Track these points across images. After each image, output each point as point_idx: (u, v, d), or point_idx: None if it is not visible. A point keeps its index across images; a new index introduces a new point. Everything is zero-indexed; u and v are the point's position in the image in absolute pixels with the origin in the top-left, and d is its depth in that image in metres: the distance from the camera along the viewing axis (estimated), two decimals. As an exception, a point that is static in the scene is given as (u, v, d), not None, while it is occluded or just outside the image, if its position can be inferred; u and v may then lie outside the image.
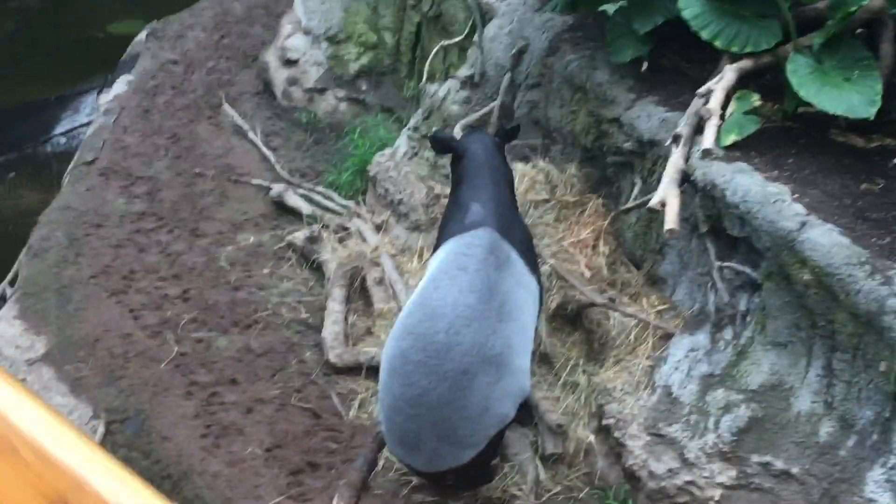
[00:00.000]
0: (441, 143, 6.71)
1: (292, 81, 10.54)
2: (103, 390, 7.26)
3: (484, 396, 5.61)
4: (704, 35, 6.33)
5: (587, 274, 6.93)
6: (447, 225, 6.26)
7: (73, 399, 7.21)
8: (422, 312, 5.70)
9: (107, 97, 10.86)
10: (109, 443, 6.96)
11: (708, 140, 5.84)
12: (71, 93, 11.98)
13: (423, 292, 5.81)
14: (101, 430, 6.99)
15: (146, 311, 7.94)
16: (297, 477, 6.53)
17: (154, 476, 6.75)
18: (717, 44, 6.32)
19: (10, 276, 8.73)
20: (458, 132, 7.81)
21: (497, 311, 5.71)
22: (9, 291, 8.48)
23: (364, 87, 10.19)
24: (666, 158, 6.34)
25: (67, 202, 9.19)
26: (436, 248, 6.26)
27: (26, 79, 12.53)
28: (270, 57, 10.85)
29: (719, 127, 6.07)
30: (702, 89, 6.26)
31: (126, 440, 6.95)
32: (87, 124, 10.86)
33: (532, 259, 6.24)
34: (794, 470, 5.47)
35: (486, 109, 7.99)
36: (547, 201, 7.36)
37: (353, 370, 7.31)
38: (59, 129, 11.22)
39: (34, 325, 7.81)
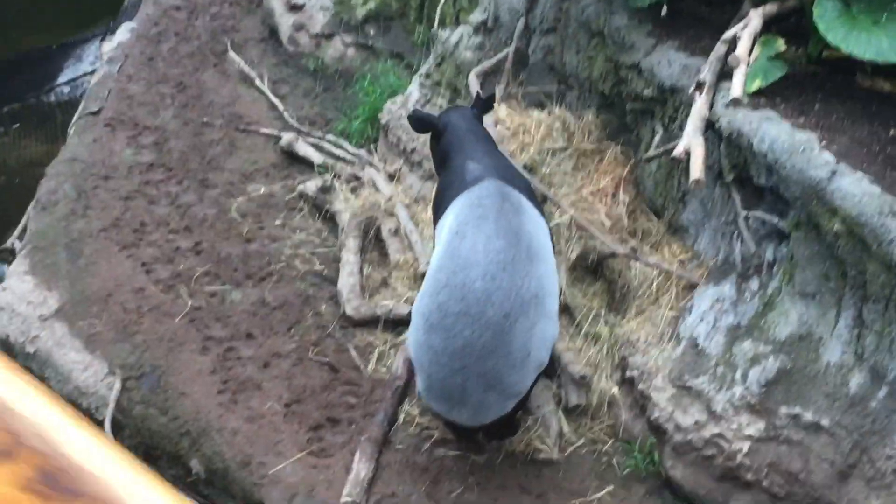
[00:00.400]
0: (421, 122, 6.66)
1: (298, 27, 10.38)
2: (118, 346, 7.18)
3: (525, 341, 5.60)
4: (729, -21, 6.19)
5: (607, 223, 6.84)
6: (446, 191, 6.16)
7: (87, 355, 7.13)
8: (454, 264, 5.63)
9: (110, 45, 10.70)
10: (126, 399, 6.89)
11: (736, 89, 5.72)
12: (73, 41, 11.80)
13: (449, 245, 5.73)
14: (117, 386, 6.92)
15: (158, 264, 7.84)
16: (317, 432, 6.47)
17: (172, 433, 6.70)
18: (742, -13, 6.19)
19: (18, 229, 8.63)
20: (472, 80, 7.69)
21: (526, 254, 5.68)
22: (18, 245, 8.38)
23: (372, 33, 10.03)
24: (688, 105, 6.23)
25: (74, 154, 9.07)
26: (437, 218, 6.21)
27: (26, 27, 12.34)
28: (275, 2, 10.68)
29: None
30: (726, 35, 6.13)
31: (143, 397, 6.88)
32: (91, 73, 10.72)
33: (538, 204, 6.19)
34: (824, 422, 5.41)
35: (500, 55, 7.85)
36: (564, 149, 7.25)
37: (370, 323, 7.23)
38: (62, 79, 11.06)
39: (45, 280, 7.72)
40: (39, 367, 7.22)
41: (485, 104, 6.73)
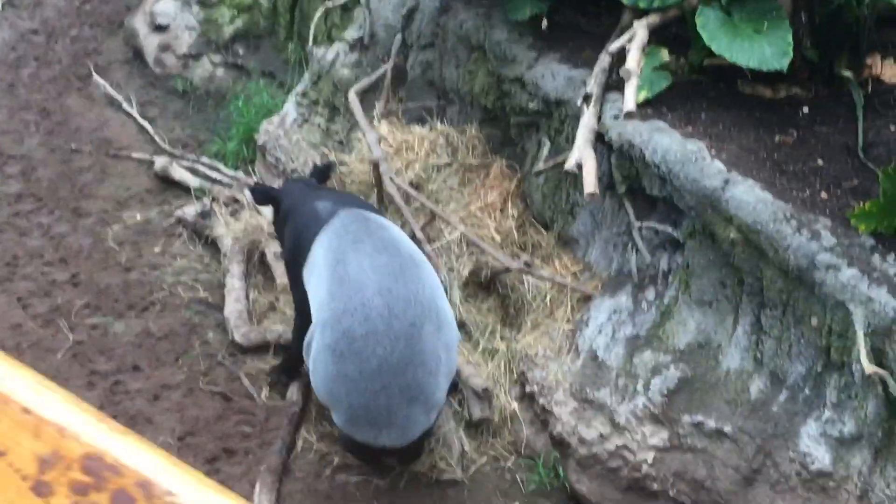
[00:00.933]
0: (263, 194, 6.81)
1: (164, 48, 10.18)
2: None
3: (434, 345, 5.65)
4: (612, -9, 6.22)
5: (497, 238, 6.82)
6: (302, 234, 6.19)
7: (-34, 397, 6.86)
8: (347, 289, 5.64)
9: (-34, 72, 10.38)
10: (11, 442, 6.65)
11: (629, 101, 5.73)
12: (-74, 68, 11.40)
13: (335, 275, 5.74)
14: (0, 428, 6.67)
15: (35, 298, 7.60)
16: (213, 465, 6.32)
17: (62, 474, 6.48)
18: (625, 0, 6.22)
19: None
20: (353, 98, 7.61)
21: (411, 261, 5.81)
22: None
23: (241, 52, 9.88)
24: (575, 118, 6.24)
25: (-63, 187, 8.76)
26: (296, 266, 6.20)
27: None
28: (138, 22, 10.46)
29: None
30: (612, 47, 6.15)
31: (29, 438, 6.64)
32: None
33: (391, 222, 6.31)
34: (727, 428, 5.45)
35: (378, 72, 7.79)
36: (449, 164, 7.21)
37: (260, 349, 7.10)
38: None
39: (-84, 320, 7.42)
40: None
41: (322, 173, 6.91)
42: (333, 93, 8.05)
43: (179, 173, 8.69)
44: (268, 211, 7.93)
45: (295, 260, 6.26)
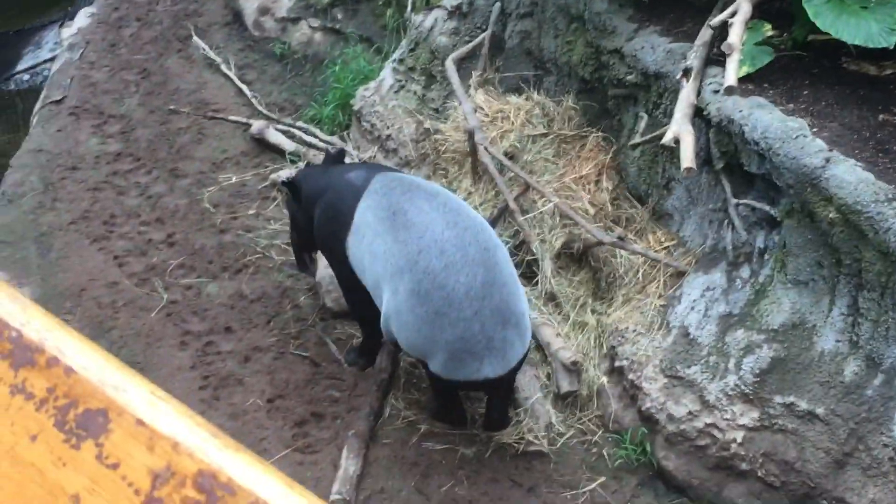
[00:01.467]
0: (293, 186, 6.69)
1: (263, 11, 10.22)
2: (94, 342, 7.03)
3: (511, 269, 5.83)
4: (716, -36, 6.12)
5: (591, 211, 6.77)
6: (340, 205, 6.25)
7: (62, 352, 6.98)
8: (414, 232, 5.78)
9: (69, 31, 10.52)
10: (105, 398, 6.75)
11: (730, 76, 5.64)
12: (31, 27, 11.58)
13: (395, 226, 5.86)
14: (95, 384, 6.78)
15: (131, 257, 7.71)
16: (302, 428, 6.38)
17: (153, 431, 6.57)
18: (729, -28, 6.12)
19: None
20: (449, 66, 7.57)
21: (461, 202, 6.05)
22: (-15, 240, 8.22)
23: (339, 17, 9.89)
24: (673, 92, 6.17)
25: (39, 144, 8.90)
26: (339, 237, 6.23)
27: (-20, 12, 12.11)
28: (239, -15, 10.52)
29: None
30: (714, 20, 6.06)
31: (122, 394, 6.74)
32: (51, 60, 10.52)
33: None
34: (819, 410, 5.37)
35: (476, 41, 7.75)
36: (545, 135, 7.17)
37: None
38: (21, 66, 10.85)
39: (16, 275, 7.55)
40: (13, 366, 7.05)
41: (335, 160, 6.84)
42: (430, 60, 8.03)
43: (275, 137, 8.73)
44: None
45: (335, 235, 6.28)
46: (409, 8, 8.46)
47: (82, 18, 10.58)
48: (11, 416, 1.32)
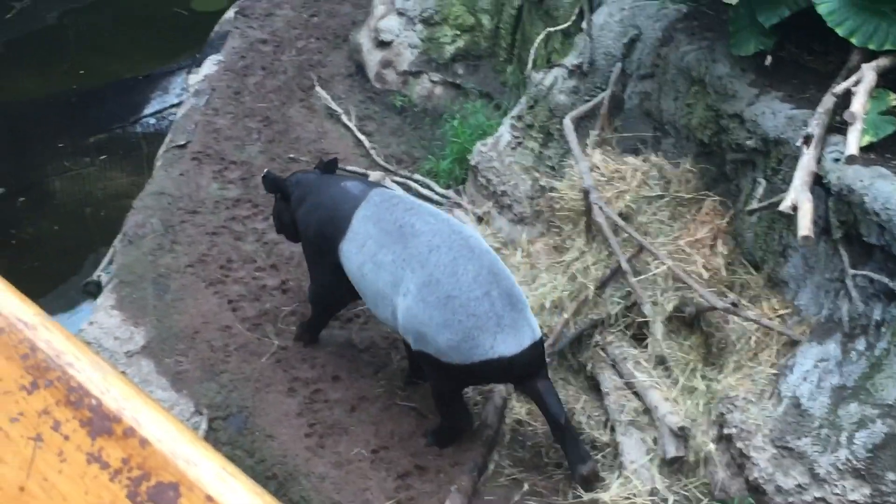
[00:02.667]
0: (273, 182, 7.46)
1: (386, 64, 10.34)
2: (204, 385, 7.14)
3: (508, 270, 6.35)
4: (841, 31, 6.06)
5: (705, 275, 6.69)
6: (335, 213, 6.78)
7: (174, 394, 7.10)
8: (423, 239, 6.28)
9: (196, 77, 10.73)
10: (212, 440, 6.82)
11: (852, 145, 5.57)
12: (159, 72, 11.86)
13: (401, 235, 6.36)
14: (203, 426, 6.87)
15: (245, 302, 7.81)
16: (405, 480, 6.39)
17: (258, 475, 6.62)
18: (854, 40, 6.04)
19: (104, 262, 8.63)
20: (567, 124, 7.57)
21: (457, 221, 6.68)
22: (104, 278, 8.38)
23: (460, 72, 9.97)
24: (793, 158, 6.09)
25: (161, 187, 9.08)
26: (330, 243, 6.77)
27: (113, 56, 12.41)
28: (363, 38, 10.65)
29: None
30: (837, 89, 5.98)
31: (229, 437, 6.83)
32: (177, 105, 10.74)
33: None
34: (934, 490, 5.23)
35: (595, 100, 7.74)
36: (661, 197, 7.12)
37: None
38: (148, 110, 11.10)
39: (132, 315, 7.70)
40: (126, 404, 7.17)
41: (328, 167, 7.47)
42: (549, 118, 8.04)
43: (392, 188, 8.79)
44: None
45: (327, 238, 6.81)
46: (529, 65, 8.48)
47: (209, 66, 10.79)
48: (87, 484, 1.33)
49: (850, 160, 5.63)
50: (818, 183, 5.88)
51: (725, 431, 6.10)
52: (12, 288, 1.39)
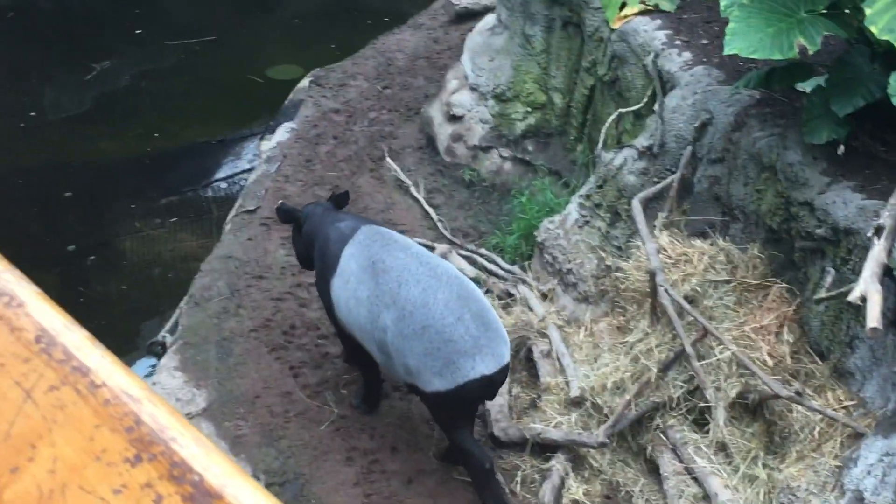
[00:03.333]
0: (287, 213, 7.89)
1: (456, 137, 10.42)
2: (263, 450, 7.17)
3: (480, 293, 6.82)
4: (915, 124, 6.04)
5: (769, 362, 6.65)
6: (329, 249, 7.23)
7: (232, 457, 7.12)
8: (393, 274, 6.70)
9: (269, 144, 10.88)
10: (268, 506, 6.83)
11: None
12: (232, 137, 12.02)
13: (375, 271, 6.80)
14: (260, 491, 6.88)
15: (306, 368, 7.86)
16: (460, 555, 6.36)
17: (313, 544, 6.64)
18: (929, 133, 6.03)
19: (170, 323, 8.72)
20: (636, 205, 7.58)
21: (428, 254, 7.02)
22: (169, 339, 8.46)
23: (530, 148, 10.03)
24: (864, 248, 6.06)
25: (229, 251, 9.18)
26: (326, 275, 7.22)
27: (187, 121, 12.61)
28: (434, 111, 10.75)
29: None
30: (910, 181, 5.96)
31: (285, 504, 6.84)
32: (249, 170, 10.88)
33: None
34: None
35: (665, 182, 7.75)
36: (727, 282, 7.10)
37: (516, 445, 7.12)
38: (220, 174, 11.24)
39: (195, 377, 7.78)
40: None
41: (339, 200, 7.88)
42: (617, 198, 8.05)
43: (457, 261, 8.84)
44: (537, 307, 7.99)
45: (323, 275, 7.29)
46: (599, 145, 8.52)
47: (282, 133, 10.93)
48: None
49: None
50: (888, 274, 5.85)
51: (786, 522, 6.04)
52: (119, 362, 1.42)
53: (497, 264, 8.80)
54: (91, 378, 1.43)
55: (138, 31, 14.56)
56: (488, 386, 6.53)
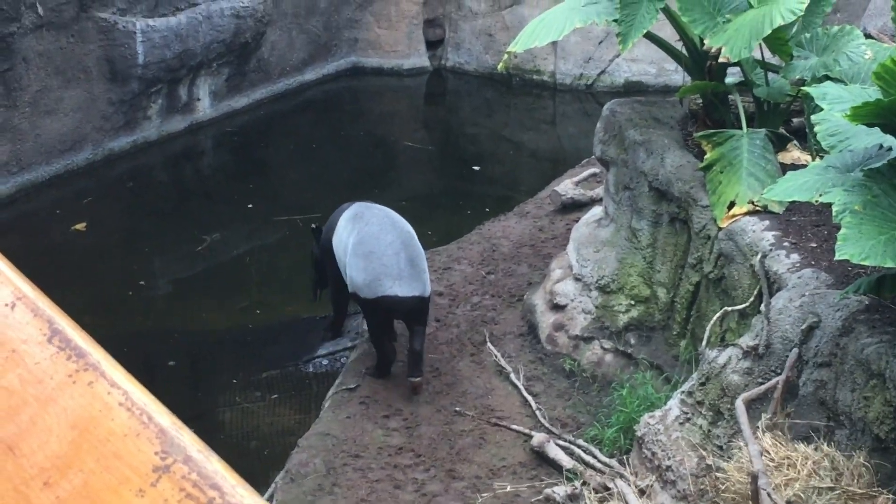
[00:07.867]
0: (315, 231, 10.80)
1: (558, 327, 10.44)
2: None
3: (421, 250, 9.86)
4: None
5: (874, 576, 6.46)
6: (330, 224, 10.37)
7: None
8: (363, 223, 9.81)
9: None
10: None
11: None
12: (336, 315, 12.13)
13: (356, 224, 9.86)
14: None
15: (399, 550, 7.79)
16: None
17: None
18: None
19: (265, 497, 8.72)
20: (739, 406, 7.50)
21: (399, 218, 10.14)
22: (262, 514, 8.45)
23: (632, 341, 10.01)
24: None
25: (327, 428, 9.23)
26: (326, 244, 10.33)
27: (290, 295, 12.81)
28: (537, 299, 10.81)
29: None
30: None
31: None
32: (350, 348, 10.97)
33: None
34: None
35: (769, 384, 7.67)
36: (832, 489, 6.94)
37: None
38: (322, 350, 11.33)
39: (287, 555, 7.74)
40: None
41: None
42: (720, 396, 7.97)
43: (555, 452, 8.79)
44: (635, 503, 7.88)
45: (327, 237, 10.25)
46: (704, 342, 8.48)
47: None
48: None
49: None
50: None
51: None
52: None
53: (595, 456, 8.73)
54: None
55: (250, 206, 14.92)
56: (397, 307, 9.45)
